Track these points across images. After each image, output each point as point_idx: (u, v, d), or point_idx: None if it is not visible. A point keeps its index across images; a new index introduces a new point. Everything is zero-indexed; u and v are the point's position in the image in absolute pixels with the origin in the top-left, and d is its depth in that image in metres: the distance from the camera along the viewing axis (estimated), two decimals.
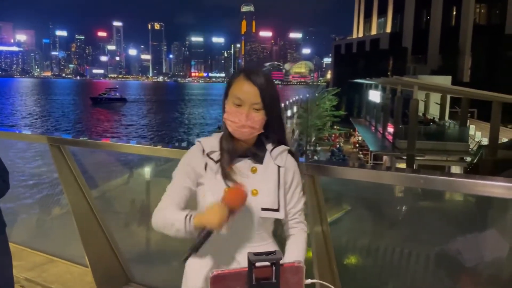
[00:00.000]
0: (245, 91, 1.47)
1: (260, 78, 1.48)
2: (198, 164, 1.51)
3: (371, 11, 56.02)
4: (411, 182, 1.59)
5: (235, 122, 1.47)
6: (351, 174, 1.81)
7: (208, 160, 1.51)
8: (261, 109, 1.48)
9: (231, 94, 1.51)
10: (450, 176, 1.48)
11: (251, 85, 1.46)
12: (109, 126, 62.57)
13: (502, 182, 1.40)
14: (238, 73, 1.52)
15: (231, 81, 1.53)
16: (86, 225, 2.84)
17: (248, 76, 1.48)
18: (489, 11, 42.49)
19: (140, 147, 2.52)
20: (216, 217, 1.30)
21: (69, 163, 2.73)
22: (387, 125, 26.50)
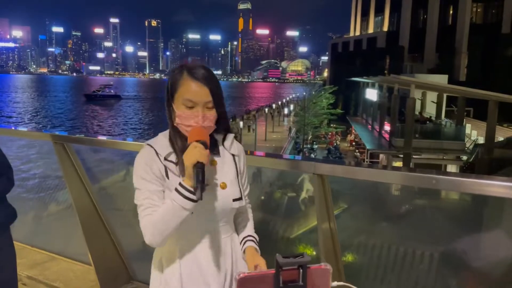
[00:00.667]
0: (196, 92, 1.41)
1: (205, 75, 1.43)
2: (158, 169, 1.43)
3: (368, 9, 56.04)
4: (423, 183, 1.60)
5: (191, 125, 1.41)
6: (361, 174, 1.82)
7: (168, 163, 1.44)
8: (213, 106, 1.44)
9: (179, 96, 1.43)
10: (462, 177, 1.49)
11: (199, 85, 1.41)
12: (103, 123, 62.20)
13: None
14: (180, 72, 1.44)
15: (175, 82, 1.44)
16: (90, 223, 2.86)
17: (194, 76, 1.42)
18: (486, 10, 42.60)
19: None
20: (195, 151, 1.31)
21: (73, 161, 2.74)
22: (384, 124, 26.58)
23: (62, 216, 3.90)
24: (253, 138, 35.92)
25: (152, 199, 1.40)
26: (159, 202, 1.40)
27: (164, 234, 1.37)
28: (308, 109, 36.83)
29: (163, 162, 1.44)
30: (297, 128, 39.68)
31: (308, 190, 2.76)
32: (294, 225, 3.36)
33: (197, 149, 1.32)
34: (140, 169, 1.43)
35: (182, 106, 1.42)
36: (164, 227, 1.36)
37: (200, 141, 1.35)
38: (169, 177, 1.43)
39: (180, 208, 1.33)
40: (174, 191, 1.34)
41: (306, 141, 35.21)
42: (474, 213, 2.22)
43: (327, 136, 40.67)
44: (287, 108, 58.81)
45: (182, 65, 1.46)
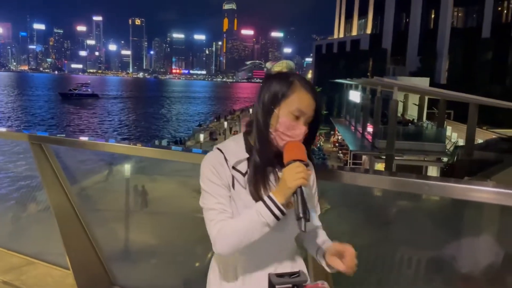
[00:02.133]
0: (308, 104, 1.37)
1: (314, 89, 1.41)
2: (226, 176, 1.37)
3: (352, 12, 56.56)
4: (416, 188, 1.58)
5: (291, 137, 1.36)
6: (353, 179, 1.79)
7: (235, 172, 1.38)
8: (310, 122, 1.41)
9: (289, 103, 1.37)
10: (454, 183, 1.48)
11: (310, 97, 1.38)
12: (78, 124, 60.62)
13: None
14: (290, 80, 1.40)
15: (285, 88, 1.38)
16: (68, 227, 2.78)
17: (306, 87, 1.39)
18: (466, 15, 43.46)
19: (128, 147, 2.47)
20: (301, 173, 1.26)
21: (51, 162, 2.65)
22: (367, 125, 26.83)
23: (40, 218, 3.80)
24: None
25: (224, 204, 1.35)
26: (229, 209, 1.36)
27: (239, 246, 1.31)
28: None
29: (231, 171, 1.38)
30: None
31: None
32: None
33: (301, 169, 1.27)
34: (209, 172, 1.38)
35: (290, 114, 1.37)
36: (241, 238, 1.30)
37: (303, 161, 1.30)
38: (235, 187, 1.37)
39: (264, 224, 1.28)
40: (261, 203, 1.29)
41: None
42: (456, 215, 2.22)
43: None
44: None
45: (289, 73, 1.44)
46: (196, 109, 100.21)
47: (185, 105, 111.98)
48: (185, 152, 2.30)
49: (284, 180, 1.28)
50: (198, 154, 2.19)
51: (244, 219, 1.30)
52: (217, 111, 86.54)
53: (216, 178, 1.36)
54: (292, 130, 1.36)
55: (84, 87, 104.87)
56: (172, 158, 2.38)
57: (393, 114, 21.39)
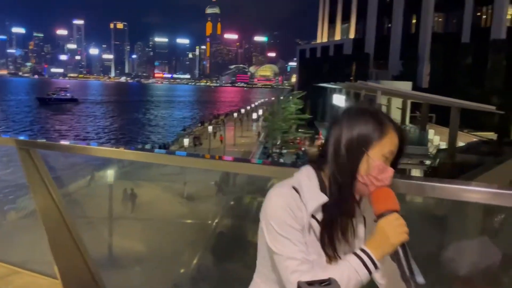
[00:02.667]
0: (396, 146, 1.27)
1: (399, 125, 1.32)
2: (302, 222, 1.23)
3: (335, 17, 57.17)
4: (422, 191, 1.56)
5: (381, 181, 1.23)
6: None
7: (312, 220, 1.24)
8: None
9: (382, 146, 1.24)
10: (465, 185, 1.47)
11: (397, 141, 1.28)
12: (60, 130, 59.52)
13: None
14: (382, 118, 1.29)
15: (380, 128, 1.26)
16: (56, 234, 2.70)
17: (396, 127, 1.29)
18: (447, 20, 44.40)
19: (115, 151, 2.41)
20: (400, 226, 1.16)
21: (39, 167, 2.58)
22: None
23: (22, 226, 3.70)
24: (221, 144, 35.77)
25: (305, 252, 1.20)
26: (310, 256, 1.21)
27: None
28: (277, 114, 37.06)
29: (308, 217, 1.23)
30: (266, 133, 39.86)
31: None
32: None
33: (402, 222, 1.16)
34: (286, 214, 1.21)
35: (382, 157, 1.24)
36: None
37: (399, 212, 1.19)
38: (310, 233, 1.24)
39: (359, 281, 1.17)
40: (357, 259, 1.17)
41: (275, 146, 35.37)
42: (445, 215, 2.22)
43: (295, 141, 41.02)
44: (256, 113, 59.07)
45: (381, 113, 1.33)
46: (180, 113, 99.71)
47: (168, 109, 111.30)
48: (169, 155, 2.26)
49: (385, 236, 1.16)
50: (181, 157, 2.16)
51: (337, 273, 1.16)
52: (201, 115, 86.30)
53: (294, 222, 1.21)
54: (383, 174, 1.23)
55: (63, 92, 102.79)
56: (155, 161, 2.33)
57: None
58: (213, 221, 6.16)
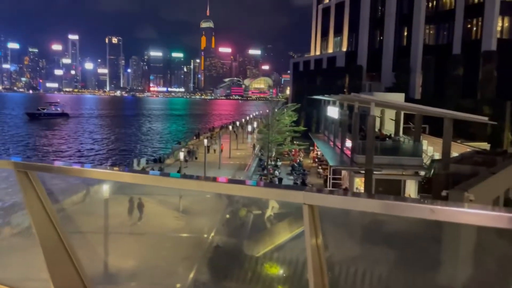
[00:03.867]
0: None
1: None
2: None
3: (327, 30, 57.79)
4: (420, 213, 1.58)
5: None
6: (354, 204, 1.76)
7: None
8: None
9: None
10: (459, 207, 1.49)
11: None
12: (52, 144, 58.84)
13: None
14: None
15: None
16: (54, 253, 2.70)
17: None
18: (437, 32, 45.01)
19: (111, 173, 2.44)
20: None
21: (37, 190, 2.60)
22: (345, 140, 27.17)
23: (20, 243, 3.68)
24: (217, 156, 35.74)
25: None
26: None
27: None
28: (272, 126, 37.17)
29: None
30: (261, 145, 39.89)
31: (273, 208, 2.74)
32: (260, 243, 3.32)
33: None
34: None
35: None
36: None
37: None
38: None
39: None
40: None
41: (270, 158, 35.39)
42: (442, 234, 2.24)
43: (290, 153, 41.07)
44: (251, 126, 59.16)
45: None
46: (175, 126, 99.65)
47: (163, 123, 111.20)
48: (163, 177, 2.29)
49: None
50: (175, 179, 2.18)
51: None
52: (196, 128, 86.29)
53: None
54: None
55: (53, 106, 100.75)
56: (150, 183, 2.37)
57: (371, 129, 21.75)
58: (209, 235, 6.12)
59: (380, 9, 49.48)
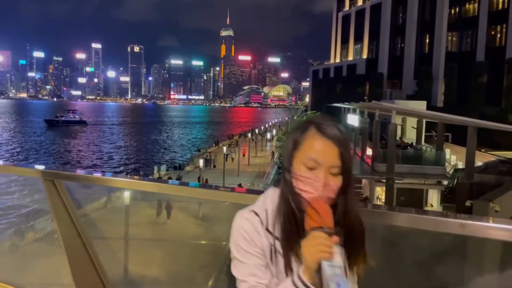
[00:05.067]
0: (322, 151, 1.16)
1: (337, 133, 1.18)
2: (262, 244, 1.20)
3: (348, 37, 57.57)
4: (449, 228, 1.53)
5: (308, 192, 1.16)
6: (381, 218, 1.66)
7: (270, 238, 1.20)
8: (339, 173, 1.17)
9: (300, 154, 1.18)
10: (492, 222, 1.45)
11: (328, 143, 1.16)
12: (71, 150, 59.46)
13: None
14: (306, 127, 1.21)
15: (299, 137, 1.20)
16: (78, 260, 2.74)
17: (323, 132, 1.17)
18: (460, 39, 44.29)
19: (141, 183, 2.47)
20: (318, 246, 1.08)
21: (64, 198, 2.64)
22: (366, 149, 26.87)
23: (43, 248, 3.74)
24: (235, 164, 35.84)
25: (258, 276, 1.19)
26: (265, 279, 1.18)
27: None
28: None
29: (268, 238, 1.20)
30: (280, 152, 39.79)
31: None
32: None
33: (319, 240, 1.09)
34: (240, 238, 1.21)
35: (302, 166, 1.17)
36: None
37: (323, 228, 1.11)
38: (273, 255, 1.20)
39: None
40: (290, 283, 1.13)
41: None
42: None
43: None
44: (270, 133, 59.18)
45: (310, 121, 1.23)
46: (195, 134, 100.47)
47: (183, 130, 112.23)
48: (182, 186, 2.32)
49: (303, 255, 1.11)
50: (194, 188, 2.20)
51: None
52: (215, 135, 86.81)
53: (250, 246, 1.19)
54: (308, 185, 1.16)
55: (71, 114, 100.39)
56: (169, 192, 2.38)
57: (392, 138, 21.46)
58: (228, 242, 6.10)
59: (401, 16, 49.03)
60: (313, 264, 1.08)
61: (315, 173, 1.16)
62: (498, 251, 1.99)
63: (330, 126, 1.19)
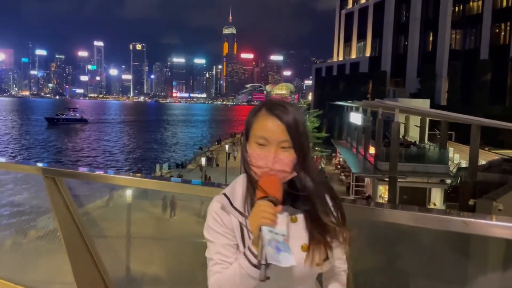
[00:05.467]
0: (270, 128, 1.25)
1: (285, 111, 1.27)
2: (231, 224, 1.29)
3: (350, 35, 57.37)
4: (454, 227, 1.51)
5: (261, 167, 1.25)
6: (383, 216, 1.67)
7: (239, 216, 1.29)
8: (290, 147, 1.26)
9: (253, 133, 1.29)
10: (495, 220, 1.43)
11: (275, 120, 1.26)
12: (74, 148, 59.26)
13: None
14: (259, 108, 1.32)
15: (252, 119, 1.31)
16: (79, 258, 2.71)
17: (271, 111, 1.27)
18: (464, 37, 44.06)
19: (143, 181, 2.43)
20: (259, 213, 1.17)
21: (65, 196, 2.61)
22: (369, 147, 26.80)
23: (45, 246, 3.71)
24: (238, 163, 35.81)
25: (224, 254, 1.26)
26: (231, 257, 1.26)
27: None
28: None
29: (235, 215, 1.29)
30: None
31: None
32: None
33: (262, 208, 1.17)
34: (211, 219, 1.31)
35: (254, 144, 1.28)
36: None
37: (268, 197, 1.19)
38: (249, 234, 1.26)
39: (248, 276, 1.18)
40: (241, 254, 1.21)
41: None
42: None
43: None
44: None
45: (262, 103, 1.34)
46: (197, 132, 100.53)
47: (186, 128, 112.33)
48: (184, 184, 2.32)
49: (248, 224, 1.22)
50: (197, 186, 2.19)
51: (231, 273, 1.22)
52: (218, 134, 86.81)
53: (219, 226, 1.29)
54: (259, 160, 1.26)
55: (72, 112, 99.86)
56: (171, 190, 2.37)
57: (395, 136, 21.39)
58: None
59: (405, 14, 48.79)
60: (255, 230, 1.17)
61: (266, 149, 1.26)
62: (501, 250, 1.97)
63: (278, 106, 1.29)
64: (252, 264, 1.17)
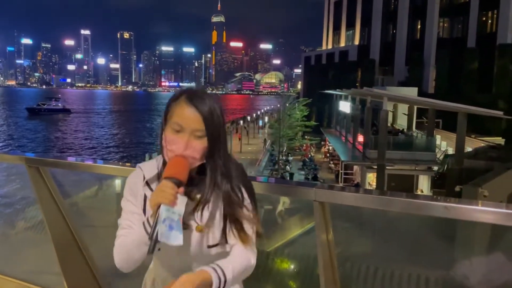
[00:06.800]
0: (187, 116, 1.33)
1: (203, 102, 1.35)
2: (140, 194, 1.41)
3: (339, 23, 57.25)
4: (434, 211, 1.55)
5: (173, 151, 1.34)
6: (365, 202, 1.72)
7: (147, 190, 1.40)
8: (203, 136, 1.34)
9: (170, 119, 1.37)
10: (474, 205, 1.46)
11: (192, 109, 1.33)
12: (50, 140, 57.78)
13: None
14: (179, 95, 1.39)
15: (170, 104, 1.39)
16: (65, 248, 2.71)
17: (190, 100, 1.35)
18: (452, 25, 44.26)
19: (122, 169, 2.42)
20: (161, 191, 1.25)
21: (49, 185, 2.60)
22: (357, 135, 26.97)
23: (33, 238, 3.70)
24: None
25: (130, 220, 1.37)
26: (135, 225, 1.35)
27: (127, 262, 1.34)
28: (283, 121, 37.06)
29: (143, 189, 1.40)
30: (272, 140, 39.84)
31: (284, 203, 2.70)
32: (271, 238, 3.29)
33: (163, 188, 1.26)
34: (126, 189, 1.43)
35: (171, 129, 1.36)
36: (126, 255, 1.33)
37: (173, 178, 1.27)
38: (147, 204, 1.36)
39: (144, 244, 1.28)
40: (142, 224, 1.31)
41: (281, 153, 35.32)
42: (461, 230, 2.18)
43: (301, 148, 40.93)
44: (262, 120, 59.04)
45: (182, 90, 1.41)
46: None
47: None
48: None
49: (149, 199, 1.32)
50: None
51: (130, 239, 1.32)
52: None
53: (129, 195, 1.41)
54: (173, 145, 1.34)
55: (54, 102, 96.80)
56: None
57: (383, 124, 21.54)
58: None
59: (393, 2, 48.78)
60: (153, 207, 1.25)
61: (180, 135, 1.34)
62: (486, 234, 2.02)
63: (197, 95, 1.37)
64: (147, 232, 1.27)
